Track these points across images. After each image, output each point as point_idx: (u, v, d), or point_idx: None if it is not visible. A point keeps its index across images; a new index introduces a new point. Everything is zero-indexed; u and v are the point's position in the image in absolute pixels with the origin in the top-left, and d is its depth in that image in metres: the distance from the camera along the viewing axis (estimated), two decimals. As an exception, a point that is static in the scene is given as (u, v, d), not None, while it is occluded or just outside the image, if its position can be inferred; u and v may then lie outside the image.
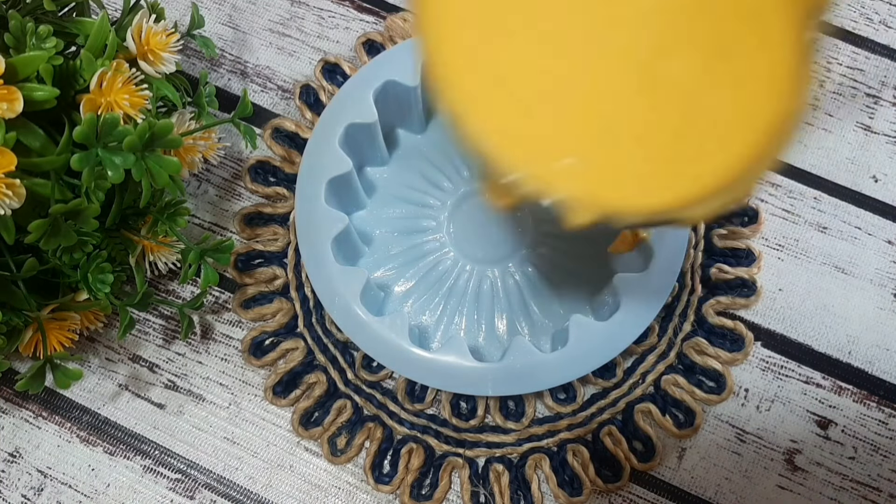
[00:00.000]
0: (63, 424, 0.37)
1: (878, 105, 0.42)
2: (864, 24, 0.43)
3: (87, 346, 0.38)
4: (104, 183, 0.29)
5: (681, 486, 0.36)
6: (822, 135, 0.41)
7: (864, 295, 0.39)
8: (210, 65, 0.42)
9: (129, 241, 0.34)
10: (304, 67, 0.42)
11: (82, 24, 0.32)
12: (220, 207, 0.40)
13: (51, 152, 0.29)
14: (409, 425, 0.37)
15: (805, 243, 0.40)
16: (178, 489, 0.36)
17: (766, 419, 0.37)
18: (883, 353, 0.38)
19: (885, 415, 0.37)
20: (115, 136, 0.28)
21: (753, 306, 0.39)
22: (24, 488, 0.36)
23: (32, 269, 0.30)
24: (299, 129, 0.41)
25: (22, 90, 0.27)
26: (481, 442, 0.37)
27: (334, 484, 0.37)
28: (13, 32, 0.29)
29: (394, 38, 0.42)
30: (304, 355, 0.38)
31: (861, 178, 0.41)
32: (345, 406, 0.37)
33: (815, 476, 0.36)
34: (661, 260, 0.35)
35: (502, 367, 0.34)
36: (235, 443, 0.37)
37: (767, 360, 0.38)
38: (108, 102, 0.29)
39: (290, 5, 0.44)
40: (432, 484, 0.36)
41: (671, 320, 0.38)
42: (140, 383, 0.38)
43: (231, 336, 0.38)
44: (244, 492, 0.36)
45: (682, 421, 0.37)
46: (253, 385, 0.38)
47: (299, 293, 0.38)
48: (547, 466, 0.36)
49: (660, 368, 0.37)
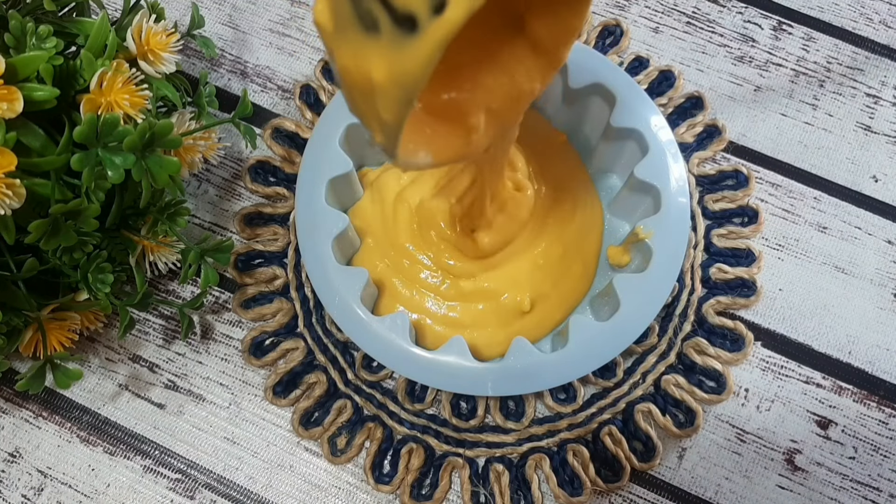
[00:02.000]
0: (63, 424, 0.37)
1: (878, 105, 0.42)
2: (864, 24, 0.43)
3: (87, 346, 0.38)
4: (104, 183, 0.29)
5: (681, 486, 0.36)
6: (822, 135, 0.41)
7: (864, 295, 0.39)
8: (210, 65, 0.42)
9: (129, 241, 0.34)
10: (304, 67, 0.42)
11: (82, 24, 0.32)
12: (220, 207, 0.40)
13: (51, 152, 0.29)
14: (409, 425, 0.37)
15: (805, 243, 0.40)
16: (178, 489, 0.36)
17: (766, 419, 0.37)
18: (883, 353, 0.38)
19: (885, 415, 0.37)
20: (115, 136, 0.28)
21: (753, 306, 0.39)
22: (24, 488, 0.36)
23: (32, 269, 0.30)
24: (299, 129, 0.41)
25: (22, 90, 0.27)
26: (481, 442, 0.37)
27: (334, 484, 0.37)
28: (13, 32, 0.29)
29: (394, 38, 0.42)
30: (304, 355, 0.38)
31: (861, 178, 0.41)
32: (345, 406, 0.37)
33: (815, 476, 0.36)
34: (661, 260, 0.35)
35: (502, 367, 0.34)
36: (235, 443, 0.37)
37: (767, 360, 0.38)
38: (108, 102, 0.29)
39: (290, 5, 0.44)
40: (432, 484, 0.36)
41: (671, 320, 0.38)
42: (140, 383, 0.38)
43: (231, 336, 0.38)
44: (244, 492, 0.36)
45: (683, 421, 0.37)
46: (253, 385, 0.38)
47: (299, 293, 0.38)
48: (547, 466, 0.36)
49: (660, 368, 0.37)
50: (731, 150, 0.41)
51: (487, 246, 0.36)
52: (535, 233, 0.38)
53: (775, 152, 0.41)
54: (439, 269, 0.37)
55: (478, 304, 0.37)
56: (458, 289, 0.37)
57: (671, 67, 0.42)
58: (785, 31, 0.43)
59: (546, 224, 0.38)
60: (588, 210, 0.39)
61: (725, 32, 0.43)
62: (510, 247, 0.37)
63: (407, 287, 0.37)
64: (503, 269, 0.37)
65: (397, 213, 0.38)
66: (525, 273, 0.37)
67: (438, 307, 0.37)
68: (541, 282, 0.37)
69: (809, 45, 0.43)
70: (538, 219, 0.38)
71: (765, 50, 0.43)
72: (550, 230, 0.38)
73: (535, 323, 0.37)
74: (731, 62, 0.43)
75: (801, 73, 0.42)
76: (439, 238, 0.37)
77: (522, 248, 0.37)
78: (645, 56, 0.42)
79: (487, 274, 0.37)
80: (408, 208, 0.38)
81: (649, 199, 0.37)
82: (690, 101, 0.41)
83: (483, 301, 0.37)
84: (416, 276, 0.37)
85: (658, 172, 0.36)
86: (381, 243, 0.38)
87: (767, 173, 0.41)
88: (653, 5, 0.44)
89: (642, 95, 0.37)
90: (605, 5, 0.44)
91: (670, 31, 0.43)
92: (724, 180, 0.40)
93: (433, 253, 0.37)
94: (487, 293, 0.37)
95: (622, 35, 0.42)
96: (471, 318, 0.37)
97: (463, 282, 0.37)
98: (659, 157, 0.36)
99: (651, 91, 0.41)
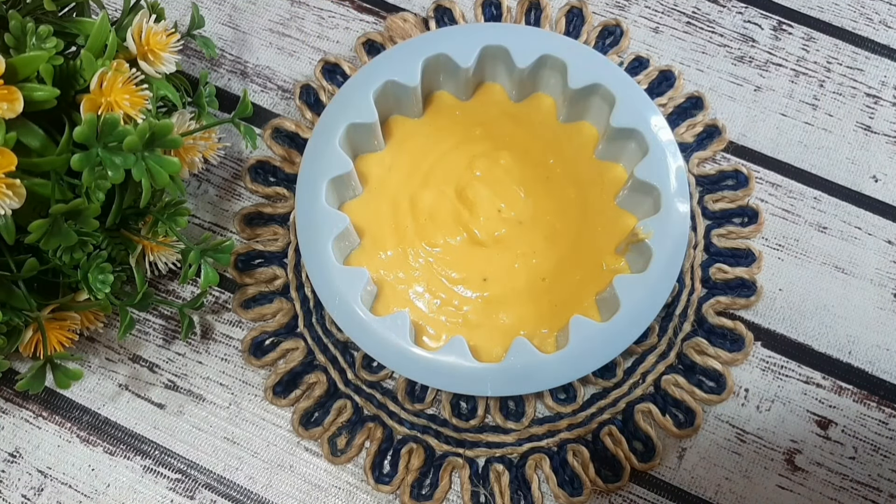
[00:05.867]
0: (63, 424, 0.37)
1: (878, 105, 0.42)
2: (864, 24, 0.43)
3: (87, 346, 0.38)
4: (104, 183, 0.29)
5: (681, 486, 0.36)
6: (822, 135, 0.41)
7: (864, 295, 0.39)
8: (210, 65, 0.42)
9: (130, 241, 0.34)
10: (304, 67, 0.42)
11: (82, 24, 0.32)
12: (220, 207, 0.40)
13: (51, 152, 0.29)
14: (409, 425, 0.37)
15: (805, 243, 0.40)
16: (178, 489, 0.36)
17: (766, 419, 0.37)
18: (883, 353, 0.38)
19: (885, 415, 0.37)
20: (115, 136, 0.28)
21: (753, 306, 0.39)
22: (24, 488, 0.36)
23: (32, 269, 0.30)
24: (299, 129, 0.41)
25: (22, 90, 0.27)
26: (481, 442, 0.37)
27: (334, 484, 0.37)
28: (13, 32, 0.29)
29: (394, 38, 0.42)
30: (304, 355, 0.38)
31: (861, 178, 0.41)
32: (345, 406, 0.37)
33: (815, 476, 0.36)
34: (661, 260, 0.35)
35: (502, 367, 0.34)
36: (235, 443, 0.37)
37: (767, 360, 0.38)
38: (109, 102, 0.29)
39: (290, 5, 0.44)
40: (432, 484, 0.36)
41: (671, 320, 0.38)
42: (140, 383, 0.38)
43: (231, 336, 0.38)
44: (244, 492, 0.36)
45: (682, 421, 0.37)
46: (253, 385, 0.38)
47: (299, 293, 0.38)
48: (547, 466, 0.36)
49: (660, 368, 0.37)
50: (731, 150, 0.41)
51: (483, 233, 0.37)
52: (534, 229, 0.38)
53: (775, 152, 0.41)
54: (439, 268, 0.37)
55: (478, 304, 0.37)
56: (458, 288, 0.37)
57: (671, 67, 0.42)
58: (785, 31, 0.43)
59: (548, 221, 0.38)
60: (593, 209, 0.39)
61: (725, 32, 0.43)
62: (508, 242, 0.38)
63: (407, 286, 0.37)
64: (503, 269, 0.37)
65: (396, 210, 0.38)
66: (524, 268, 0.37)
67: (439, 307, 0.37)
68: (540, 278, 0.37)
69: (809, 45, 0.43)
70: (539, 214, 0.38)
71: (765, 50, 0.43)
72: (552, 228, 0.38)
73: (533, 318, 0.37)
74: (731, 62, 0.43)
75: (801, 73, 0.42)
76: (438, 234, 0.37)
77: (521, 243, 0.38)
78: (645, 56, 0.42)
79: (487, 273, 0.37)
80: (405, 204, 0.38)
81: (649, 200, 0.37)
82: (690, 101, 0.41)
83: (483, 298, 0.37)
84: (415, 276, 0.37)
85: (658, 172, 0.36)
86: (380, 241, 0.38)
87: (767, 173, 0.41)
88: (653, 5, 0.44)
89: (642, 95, 0.37)
90: (605, 5, 0.44)
91: (670, 31, 0.43)
92: (724, 180, 0.40)
93: (433, 252, 0.37)
94: (488, 293, 0.37)
95: (622, 35, 0.42)
96: (471, 317, 0.37)
97: (463, 280, 0.37)
98: (659, 157, 0.36)
99: (651, 91, 0.41)
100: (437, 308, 0.37)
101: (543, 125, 0.40)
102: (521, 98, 0.40)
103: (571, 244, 0.38)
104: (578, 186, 0.38)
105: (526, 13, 0.43)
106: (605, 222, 0.38)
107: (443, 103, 0.40)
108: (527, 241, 0.38)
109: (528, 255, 0.37)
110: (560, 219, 0.38)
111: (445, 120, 0.40)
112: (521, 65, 0.37)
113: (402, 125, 0.40)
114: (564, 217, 0.38)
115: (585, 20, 0.43)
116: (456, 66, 0.38)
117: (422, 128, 0.40)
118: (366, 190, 0.39)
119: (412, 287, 0.37)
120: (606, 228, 0.38)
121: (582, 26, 0.43)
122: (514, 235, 0.38)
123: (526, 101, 0.40)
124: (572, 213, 0.38)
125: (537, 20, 0.43)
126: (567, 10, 0.43)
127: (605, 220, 0.38)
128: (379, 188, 0.39)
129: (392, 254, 0.37)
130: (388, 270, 0.37)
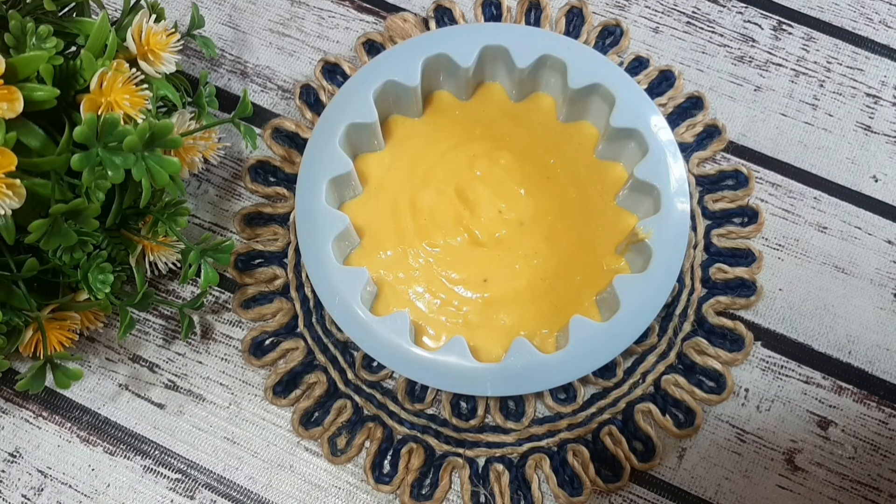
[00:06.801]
0: (63, 424, 0.37)
1: (878, 105, 0.42)
2: (864, 24, 0.43)
3: (87, 346, 0.38)
4: (104, 183, 0.29)
5: (681, 486, 0.36)
6: (822, 135, 0.41)
7: (864, 295, 0.39)
8: (210, 65, 0.42)
9: (129, 241, 0.34)
10: (304, 67, 0.43)
11: (82, 24, 0.32)
12: (220, 207, 0.40)
13: (51, 152, 0.29)
14: (409, 425, 0.37)
15: (805, 243, 0.40)
16: (178, 489, 0.36)
17: (766, 419, 0.37)
18: (883, 353, 0.38)
19: (885, 415, 0.37)
20: (115, 136, 0.28)
21: (753, 306, 0.39)
22: (24, 488, 0.36)
23: (32, 269, 0.30)
24: (299, 129, 0.41)
25: (22, 90, 0.27)
26: (481, 442, 0.37)
27: (334, 484, 0.37)
28: (13, 32, 0.29)
29: (394, 38, 0.42)
30: (304, 355, 0.38)
31: (861, 178, 0.41)
32: (345, 406, 0.37)
33: (815, 476, 0.36)
34: (661, 260, 0.35)
35: (502, 367, 0.34)
36: (235, 443, 0.37)
37: (767, 360, 0.38)
38: (109, 102, 0.29)
39: (290, 5, 0.44)
40: (432, 484, 0.36)
41: (671, 320, 0.38)
42: (140, 383, 0.38)
43: (231, 336, 0.38)
44: (244, 492, 0.36)
45: (682, 421, 0.37)
46: (253, 385, 0.38)
47: (299, 293, 0.38)
48: (547, 466, 0.36)
49: (660, 368, 0.37)
50: (731, 150, 0.41)
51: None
52: (535, 229, 0.38)
53: (775, 152, 0.41)
54: (439, 268, 0.37)
55: (478, 304, 0.37)
56: (458, 288, 0.37)
57: (671, 67, 0.42)
58: (785, 31, 0.43)
59: (548, 220, 0.38)
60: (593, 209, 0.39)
61: (725, 32, 0.43)
62: (509, 243, 0.38)
63: (407, 286, 0.37)
64: (504, 270, 0.37)
65: (396, 210, 0.38)
66: (525, 268, 0.37)
67: (439, 307, 0.37)
68: (541, 278, 0.37)
69: (809, 45, 0.43)
70: (539, 214, 0.38)
71: (765, 50, 0.43)
72: (553, 229, 0.38)
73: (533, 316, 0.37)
74: (731, 62, 0.43)
75: (801, 73, 0.42)
76: (438, 234, 0.37)
77: (522, 244, 0.38)
78: (645, 56, 0.42)
79: (488, 274, 0.37)
80: (405, 204, 0.38)
81: (649, 200, 0.37)
82: (690, 101, 0.41)
83: (484, 298, 0.37)
84: (415, 276, 0.37)
85: (658, 172, 0.36)
86: (380, 241, 0.38)
87: (767, 173, 0.41)
88: (653, 5, 0.44)
89: (642, 95, 0.37)
90: (605, 5, 0.44)
91: (670, 31, 0.43)
92: (724, 180, 0.40)
93: (433, 253, 0.37)
94: (488, 292, 0.37)
95: (622, 35, 0.42)
96: (472, 318, 0.37)
97: (463, 281, 0.37)
98: (659, 157, 0.36)
99: (651, 91, 0.41)
100: (437, 308, 0.37)
101: (543, 125, 0.40)
102: (521, 98, 0.40)
103: (572, 244, 0.38)
104: (579, 186, 0.38)
105: (526, 13, 0.43)
106: (606, 222, 0.38)
107: (443, 103, 0.40)
108: (528, 242, 0.38)
109: (530, 256, 0.37)
110: (560, 219, 0.38)
111: (445, 120, 0.40)
112: (521, 65, 0.37)
113: (402, 125, 0.40)
114: (565, 217, 0.38)
115: (585, 20, 0.43)
116: (456, 65, 0.38)
117: (422, 128, 0.40)
118: (366, 190, 0.39)
119: (412, 287, 0.37)
120: (607, 228, 0.38)
121: (582, 26, 0.43)
122: (514, 236, 0.38)
123: (526, 101, 0.40)
124: (573, 213, 0.38)
125: (537, 20, 0.43)
126: (567, 10, 0.43)
127: (606, 220, 0.38)
128: (379, 188, 0.39)
129: (392, 254, 0.37)
130: (388, 270, 0.37)
